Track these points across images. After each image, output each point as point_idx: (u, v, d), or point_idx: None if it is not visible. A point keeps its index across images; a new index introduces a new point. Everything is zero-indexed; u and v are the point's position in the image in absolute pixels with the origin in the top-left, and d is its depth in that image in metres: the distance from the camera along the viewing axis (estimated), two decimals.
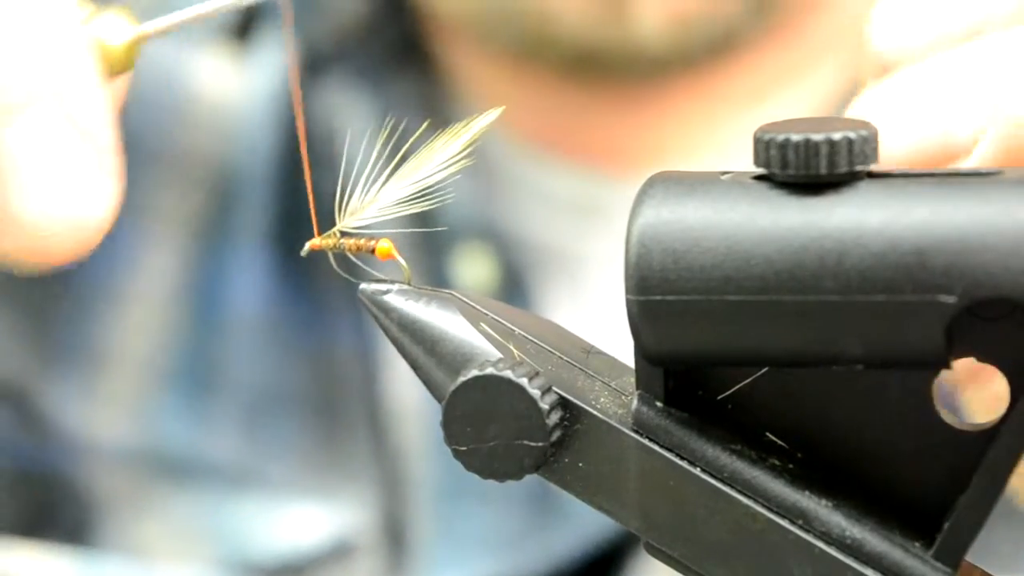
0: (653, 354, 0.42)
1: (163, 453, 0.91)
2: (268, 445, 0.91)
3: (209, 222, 0.93)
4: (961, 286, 0.39)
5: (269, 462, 0.91)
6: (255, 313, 0.92)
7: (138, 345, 0.93)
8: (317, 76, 0.94)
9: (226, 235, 0.92)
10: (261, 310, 0.92)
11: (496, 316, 0.46)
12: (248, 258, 0.92)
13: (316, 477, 0.91)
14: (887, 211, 0.40)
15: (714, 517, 0.42)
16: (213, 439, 0.91)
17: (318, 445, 0.91)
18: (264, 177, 0.93)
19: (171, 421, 0.92)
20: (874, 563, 0.42)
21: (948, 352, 0.40)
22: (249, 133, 0.93)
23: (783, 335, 0.41)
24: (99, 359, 0.93)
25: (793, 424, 0.43)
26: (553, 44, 0.89)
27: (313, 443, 0.91)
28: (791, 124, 0.42)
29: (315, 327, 0.92)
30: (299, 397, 0.91)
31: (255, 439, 0.91)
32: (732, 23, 0.89)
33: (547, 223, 0.94)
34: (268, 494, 0.91)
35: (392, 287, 0.46)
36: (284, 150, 0.93)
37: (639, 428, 0.43)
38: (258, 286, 0.92)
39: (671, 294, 0.41)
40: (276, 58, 0.95)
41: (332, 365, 0.91)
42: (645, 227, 0.42)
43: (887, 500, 0.43)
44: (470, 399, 0.43)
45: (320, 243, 0.49)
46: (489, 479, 0.44)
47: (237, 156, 0.93)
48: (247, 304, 0.92)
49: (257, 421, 0.91)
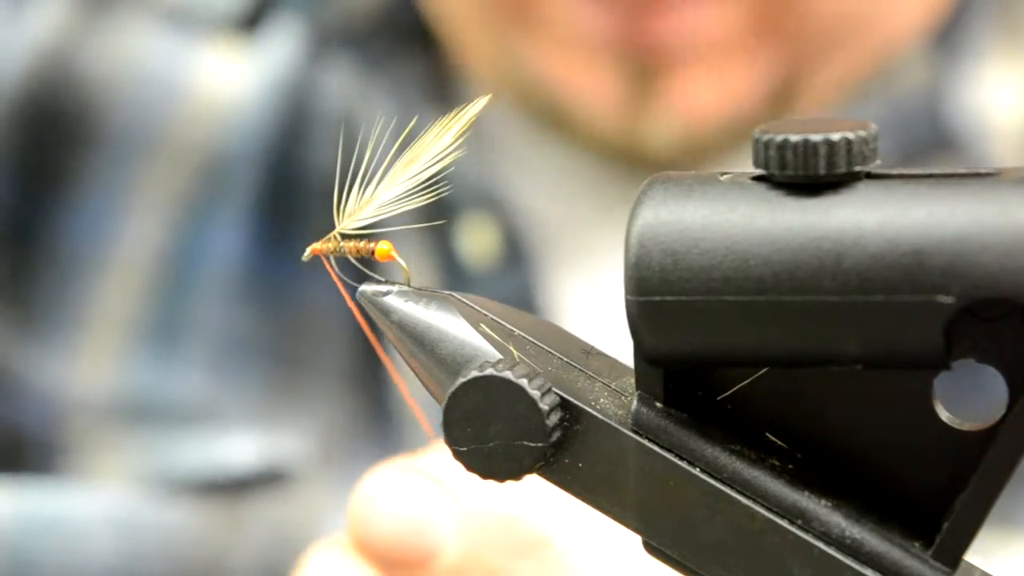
0: (653, 355, 0.43)
1: (129, 399, 0.96)
2: (226, 386, 0.95)
3: (195, 196, 0.96)
4: (959, 286, 0.39)
5: (225, 401, 0.95)
6: (231, 274, 0.95)
7: (115, 306, 0.96)
8: (328, 61, 0.95)
9: (211, 207, 0.96)
10: (237, 271, 0.95)
11: (496, 317, 0.46)
12: (230, 226, 0.95)
13: (264, 412, 0.95)
14: (886, 212, 0.40)
15: (714, 517, 0.42)
16: (176, 382, 0.95)
17: (275, 387, 0.96)
18: (254, 158, 0.95)
19: (140, 371, 0.96)
20: (873, 563, 0.42)
21: (947, 352, 0.40)
22: (245, 120, 0.96)
23: (782, 336, 0.41)
24: (77, 321, 0.96)
25: (793, 424, 0.43)
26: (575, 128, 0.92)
27: (270, 385, 0.96)
28: (790, 125, 0.42)
29: (289, 288, 0.95)
30: (265, 345, 0.96)
31: (215, 381, 0.95)
32: (748, 121, 0.90)
33: (552, 196, 0.95)
34: (212, 426, 0.95)
35: (392, 288, 0.46)
36: (277, 133, 0.96)
37: (639, 429, 0.43)
38: (237, 251, 0.95)
39: (670, 295, 0.41)
40: (283, 48, 0.97)
41: (300, 320, 0.95)
42: (644, 228, 0.42)
43: (887, 500, 0.43)
44: (470, 400, 0.43)
45: (321, 247, 0.49)
46: (489, 479, 0.44)
47: (230, 142, 0.96)
48: (224, 266, 0.95)
49: (220, 366, 0.95)
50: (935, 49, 0.95)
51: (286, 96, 0.96)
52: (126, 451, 0.96)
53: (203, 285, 0.96)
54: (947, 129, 0.93)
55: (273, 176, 0.95)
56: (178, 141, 0.96)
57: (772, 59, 0.90)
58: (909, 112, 0.93)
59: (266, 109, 0.96)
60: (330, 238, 0.49)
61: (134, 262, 0.96)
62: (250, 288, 0.95)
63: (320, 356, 0.96)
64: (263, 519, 0.95)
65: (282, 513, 0.94)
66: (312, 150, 0.95)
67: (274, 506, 0.95)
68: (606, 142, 0.92)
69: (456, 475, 0.58)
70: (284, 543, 0.94)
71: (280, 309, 0.96)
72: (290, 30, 0.97)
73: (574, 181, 0.95)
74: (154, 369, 0.96)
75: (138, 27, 0.97)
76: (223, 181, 0.96)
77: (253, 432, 0.95)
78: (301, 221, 0.95)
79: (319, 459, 0.95)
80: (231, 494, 0.95)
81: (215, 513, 0.95)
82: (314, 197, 0.94)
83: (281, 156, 0.96)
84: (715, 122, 0.90)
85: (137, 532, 0.94)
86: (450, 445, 0.44)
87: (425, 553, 0.58)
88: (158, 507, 0.95)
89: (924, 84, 0.94)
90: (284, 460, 0.94)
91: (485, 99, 0.47)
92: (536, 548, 0.59)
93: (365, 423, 0.95)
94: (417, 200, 0.47)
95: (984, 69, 0.95)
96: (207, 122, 0.96)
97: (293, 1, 0.97)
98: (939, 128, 0.93)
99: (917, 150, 0.92)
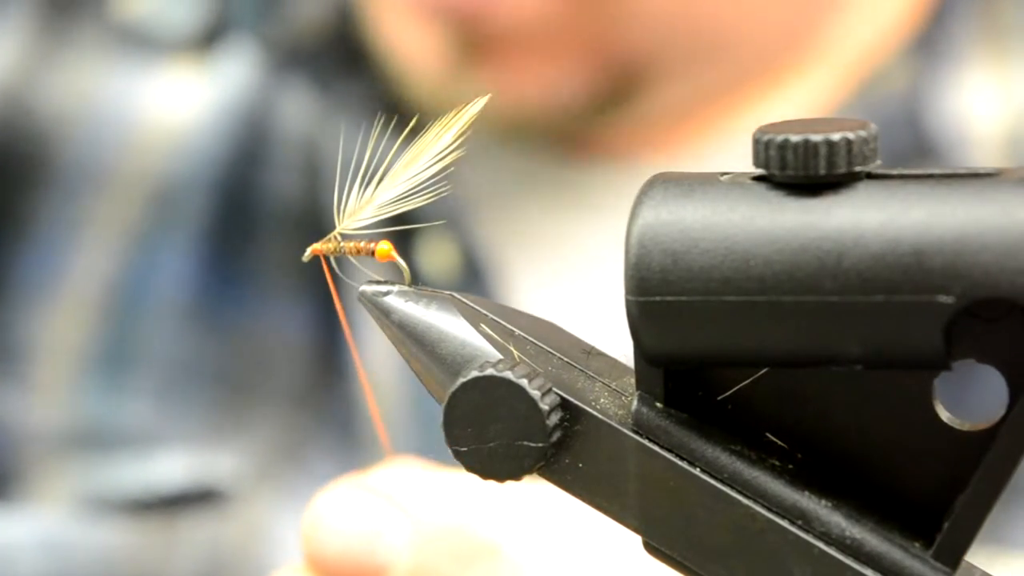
0: (653, 355, 0.43)
1: (79, 427, 0.96)
2: (173, 412, 0.96)
3: (146, 225, 0.97)
4: (959, 287, 0.39)
5: (165, 423, 0.96)
6: (181, 301, 0.96)
7: (65, 337, 0.97)
8: (283, 82, 0.95)
9: (161, 235, 0.97)
10: (188, 298, 0.96)
11: (496, 317, 0.46)
12: (181, 253, 0.96)
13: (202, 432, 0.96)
14: (886, 212, 0.40)
15: (714, 517, 0.42)
16: (125, 410, 0.96)
17: (214, 408, 0.96)
18: (207, 184, 0.96)
19: (89, 400, 0.96)
20: (874, 563, 0.42)
21: (947, 353, 0.40)
22: (199, 144, 0.96)
23: (782, 336, 0.41)
24: (28, 353, 0.97)
25: (793, 424, 0.43)
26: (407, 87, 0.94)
27: (217, 409, 0.96)
28: (790, 125, 0.42)
29: (238, 311, 0.96)
30: (210, 370, 0.96)
31: (162, 408, 0.96)
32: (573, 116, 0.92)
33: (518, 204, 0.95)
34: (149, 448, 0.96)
35: (392, 288, 0.46)
36: (232, 157, 0.96)
37: (639, 429, 0.43)
38: (188, 277, 0.96)
39: (670, 295, 0.41)
40: (240, 65, 0.97)
41: (248, 343, 0.96)
42: (644, 228, 0.42)
43: (887, 500, 0.43)
44: (470, 400, 0.43)
45: (321, 247, 0.49)
46: (489, 479, 0.44)
47: (182, 168, 0.96)
48: (174, 293, 0.96)
49: (167, 392, 0.96)
50: (915, 55, 0.95)
51: (241, 118, 0.96)
52: (66, 475, 0.96)
53: (152, 313, 0.96)
54: (928, 135, 0.93)
55: (226, 200, 0.96)
56: (129, 171, 0.97)
57: (597, 55, 0.90)
58: (889, 119, 0.93)
59: (221, 132, 0.96)
60: (330, 238, 0.49)
61: (84, 294, 0.96)
62: (199, 314, 0.96)
63: (266, 378, 0.96)
64: (197, 538, 0.95)
65: (217, 531, 0.95)
66: (268, 172, 0.96)
67: (209, 524, 0.95)
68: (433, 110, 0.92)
69: (405, 490, 0.59)
70: (220, 561, 0.95)
71: (228, 333, 0.96)
72: (244, 51, 0.97)
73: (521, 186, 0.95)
74: (103, 398, 0.96)
75: (92, 55, 0.98)
76: (174, 209, 0.96)
77: (186, 451, 0.95)
78: (255, 243, 0.95)
79: (256, 478, 0.95)
80: (163, 513, 0.95)
81: (147, 532, 0.95)
82: (269, 219, 0.95)
83: (235, 179, 0.96)
84: (535, 107, 0.91)
85: (67, 553, 0.95)
86: (450, 445, 0.44)
87: (376, 567, 0.58)
88: (88, 528, 0.95)
89: (904, 90, 0.94)
90: (217, 478, 0.94)
91: (484, 99, 0.47)
92: (486, 556, 0.60)
93: (313, 442, 0.96)
94: (417, 200, 0.47)
95: (964, 74, 0.94)
96: (159, 149, 0.97)
97: (247, 22, 0.97)
98: (920, 134, 0.93)
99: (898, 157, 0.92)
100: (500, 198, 0.96)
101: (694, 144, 0.94)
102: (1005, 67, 0.94)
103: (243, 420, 0.96)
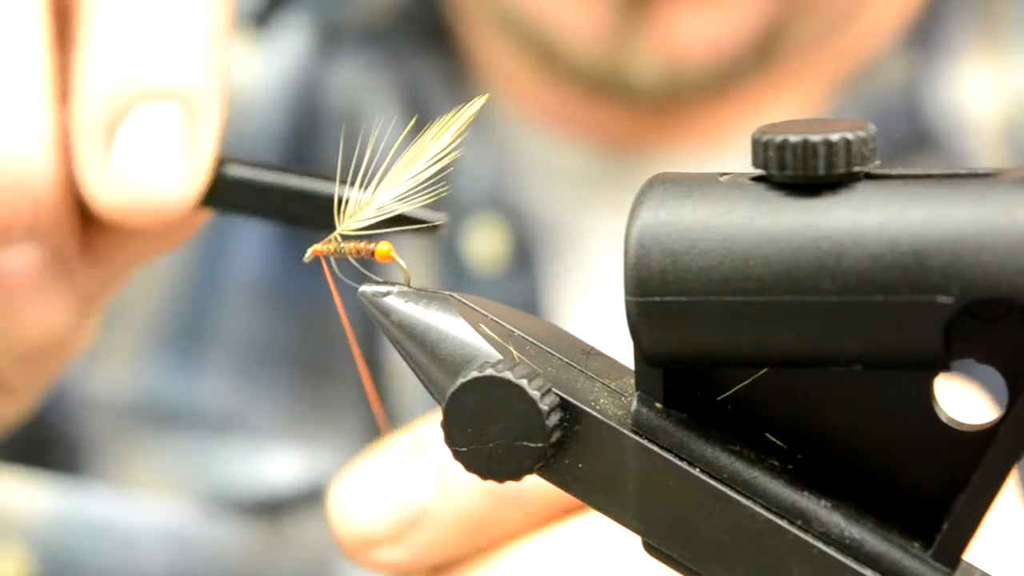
0: (652, 355, 0.43)
1: (155, 403, 0.96)
2: (255, 396, 0.95)
3: None
4: (958, 287, 0.39)
5: (254, 411, 0.95)
6: (254, 278, 0.96)
7: (139, 309, 0.97)
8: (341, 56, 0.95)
9: None
10: (260, 276, 0.96)
11: (495, 318, 0.46)
12: (251, 230, 0.95)
13: (299, 426, 0.95)
14: (885, 212, 0.40)
15: (713, 518, 0.42)
16: (203, 390, 0.96)
17: (303, 397, 0.95)
18: (270, 156, 0.95)
19: (165, 375, 0.96)
20: (873, 563, 0.42)
21: (946, 353, 0.40)
22: (259, 115, 0.96)
23: (781, 336, 0.41)
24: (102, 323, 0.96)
25: (792, 424, 0.43)
26: (559, 59, 0.91)
27: (299, 395, 0.95)
28: (789, 125, 0.42)
29: (313, 293, 0.95)
30: (290, 354, 0.96)
31: (243, 390, 0.95)
32: (732, 68, 0.90)
33: (556, 197, 0.95)
34: (251, 440, 0.95)
35: (392, 289, 0.46)
36: (291, 130, 0.96)
37: (639, 429, 0.43)
38: (259, 255, 0.96)
39: (670, 295, 0.41)
40: (294, 43, 0.97)
41: (326, 327, 0.95)
42: (644, 228, 0.42)
43: (886, 500, 0.43)
44: (470, 400, 0.43)
45: (322, 248, 0.49)
46: (489, 480, 0.44)
47: (244, 138, 0.96)
48: (247, 270, 0.96)
49: (247, 374, 0.95)
50: (912, 46, 0.95)
51: (296, 94, 0.96)
52: (159, 458, 0.96)
53: (226, 291, 0.96)
54: (925, 126, 0.93)
55: None
56: None
57: (759, 4, 0.89)
58: (887, 110, 0.93)
59: (277, 107, 0.96)
60: (331, 239, 0.49)
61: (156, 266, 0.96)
62: (273, 293, 0.95)
63: (344, 367, 0.95)
64: (305, 538, 0.94)
65: (323, 532, 0.93)
66: (325, 148, 0.96)
67: (315, 524, 0.94)
68: (588, 75, 0.91)
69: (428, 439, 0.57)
70: (325, 563, 0.94)
71: (304, 316, 0.95)
72: (300, 27, 0.97)
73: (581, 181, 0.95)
74: (176, 373, 0.96)
75: None
76: None
77: (292, 448, 0.95)
78: None
79: None
80: (276, 512, 0.95)
81: (261, 531, 0.94)
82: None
83: (295, 156, 0.96)
84: (698, 61, 0.89)
85: (189, 545, 0.94)
86: (450, 446, 0.44)
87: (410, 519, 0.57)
88: (209, 522, 0.95)
89: (902, 81, 0.94)
90: (324, 477, 0.93)
91: (483, 99, 0.47)
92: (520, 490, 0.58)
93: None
94: (417, 200, 0.47)
95: (961, 65, 0.95)
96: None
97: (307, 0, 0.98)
98: (917, 125, 0.93)
99: (895, 148, 0.92)
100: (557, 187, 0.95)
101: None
102: (1001, 56, 0.95)
103: (332, 411, 0.95)
